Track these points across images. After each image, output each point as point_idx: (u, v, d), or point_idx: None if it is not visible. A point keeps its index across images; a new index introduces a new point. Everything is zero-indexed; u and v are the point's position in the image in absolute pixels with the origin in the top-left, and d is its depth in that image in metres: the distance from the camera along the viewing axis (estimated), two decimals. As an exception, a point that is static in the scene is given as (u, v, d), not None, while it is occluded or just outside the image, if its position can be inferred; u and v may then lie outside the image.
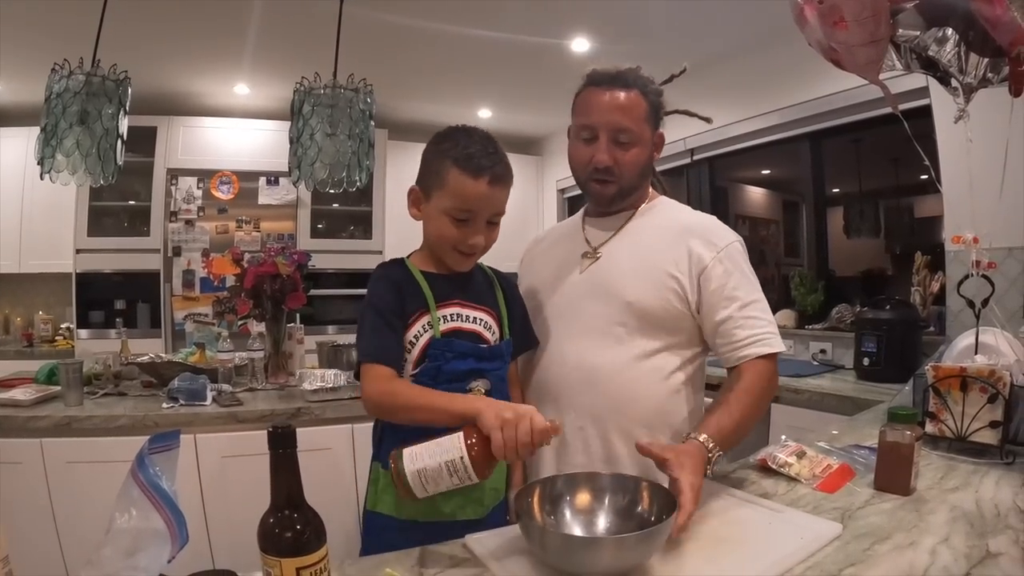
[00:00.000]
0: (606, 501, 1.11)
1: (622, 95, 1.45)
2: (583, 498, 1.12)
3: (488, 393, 1.34)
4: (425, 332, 1.35)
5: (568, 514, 1.10)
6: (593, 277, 1.51)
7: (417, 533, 1.31)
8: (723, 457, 1.24)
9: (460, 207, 1.32)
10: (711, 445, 1.21)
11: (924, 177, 4.33)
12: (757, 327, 1.42)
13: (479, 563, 1.03)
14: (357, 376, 1.35)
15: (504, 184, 1.35)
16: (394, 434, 1.37)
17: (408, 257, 1.45)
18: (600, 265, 1.52)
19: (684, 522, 1.02)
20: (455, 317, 1.38)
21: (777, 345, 1.43)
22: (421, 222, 1.42)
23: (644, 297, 1.44)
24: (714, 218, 1.56)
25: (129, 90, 2.69)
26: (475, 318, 1.41)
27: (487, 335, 1.41)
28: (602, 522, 1.09)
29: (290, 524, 0.79)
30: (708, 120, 1.69)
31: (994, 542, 1.03)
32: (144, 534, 0.83)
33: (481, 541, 1.09)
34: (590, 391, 1.44)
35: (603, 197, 1.52)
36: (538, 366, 1.53)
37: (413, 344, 1.35)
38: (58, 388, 2.49)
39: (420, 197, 1.39)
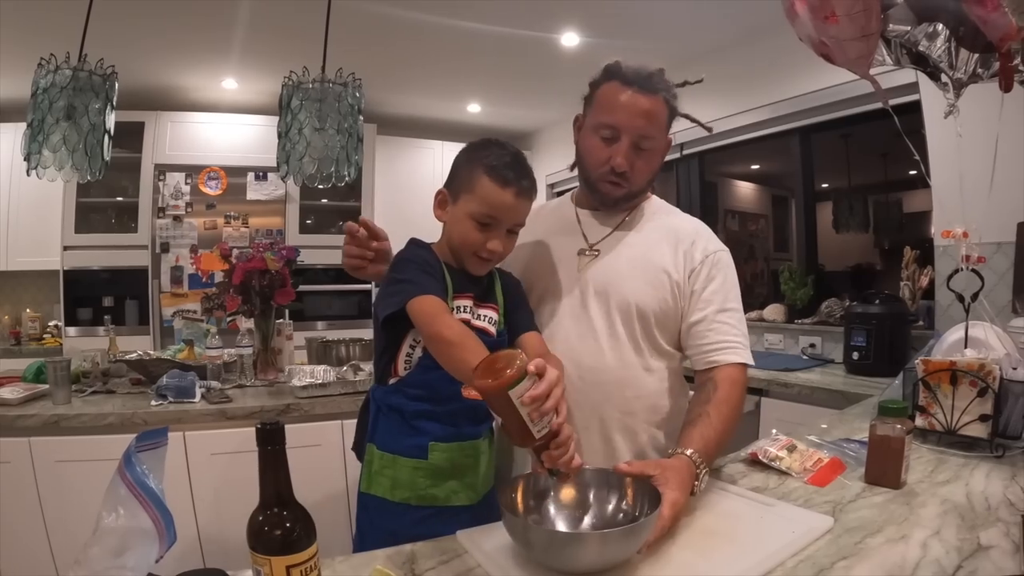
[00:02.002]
0: (590, 496, 1.11)
1: (650, 100, 1.42)
2: (567, 493, 1.11)
3: None
4: None
5: (552, 509, 1.10)
6: (594, 277, 1.50)
7: (410, 516, 1.35)
8: (708, 473, 1.23)
9: (485, 212, 1.34)
10: (698, 460, 1.19)
11: (912, 173, 4.36)
12: (729, 334, 1.43)
13: (470, 559, 1.03)
14: (384, 324, 1.32)
15: (529, 198, 1.38)
16: (393, 413, 1.38)
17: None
18: (600, 265, 1.51)
19: (654, 539, 1.00)
20: (466, 310, 1.40)
21: (747, 357, 1.43)
22: (442, 224, 1.45)
23: (645, 299, 1.45)
24: (705, 225, 1.58)
25: (116, 85, 2.66)
26: (482, 315, 1.43)
27: (492, 331, 1.43)
28: (587, 517, 1.09)
29: (279, 522, 0.79)
30: (709, 129, 1.70)
31: (985, 535, 1.04)
32: (132, 533, 0.82)
33: (472, 537, 1.09)
34: (593, 391, 1.45)
35: (610, 198, 1.52)
36: None
37: None
38: (46, 386, 2.47)
39: (447, 199, 1.42)
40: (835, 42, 1.47)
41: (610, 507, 1.09)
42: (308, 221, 5.44)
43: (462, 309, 1.40)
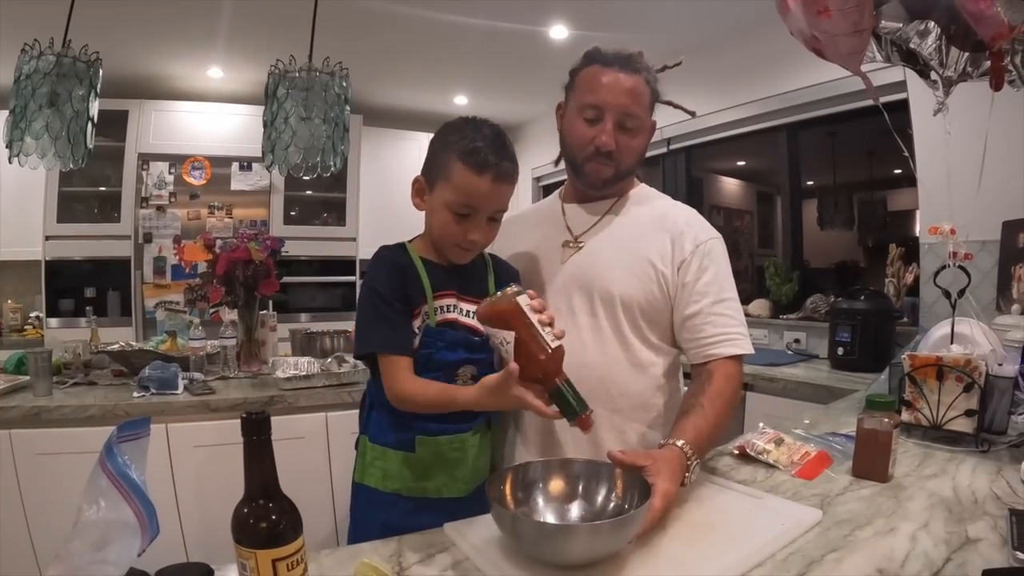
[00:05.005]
0: (580, 488, 1.10)
1: (632, 79, 1.41)
2: (557, 485, 1.11)
3: (474, 378, 1.33)
4: (424, 323, 1.33)
5: (541, 501, 1.09)
6: (577, 269, 1.48)
7: (401, 506, 1.35)
8: (699, 465, 1.22)
9: (462, 202, 1.29)
10: (689, 451, 1.18)
11: (898, 171, 4.40)
12: (727, 325, 1.40)
13: (458, 551, 1.02)
14: (360, 358, 1.36)
15: (509, 182, 1.33)
16: (383, 408, 1.37)
17: (410, 242, 1.42)
18: (583, 256, 1.49)
19: (645, 531, 1.00)
20: (451, 309, 1.37)
21: (746, 347, 1.41)
22: (423, 212, 1.40)
23: (630, 290, 1.42)
24: (695, 211, 1.55)
25: (100, 72, 2.63)
26: (468, 311, 1.38)
27: (480, 327, 1.38)
28: (576, 509, 1.08)
29: (265, 514, 0.77)
30: (692, 113, 1.68)
31: (972, 528, 1.04)
32: (113, 526, 0.81)
33: (460, 529, 1.08)
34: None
35: (598, 179, 1.48)
36: None
37: (415, 336, 1.33)
38: (27, 378, 2.44)
39: (424, 187, 1.37)
40: (827, 37, 1.47)
41: (600, 499, 1.08)
42: (293, 212, 5.41)
43: (446, 309, 1.36)
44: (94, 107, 2.62)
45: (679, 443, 1.19)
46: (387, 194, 5.28)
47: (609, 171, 1.47)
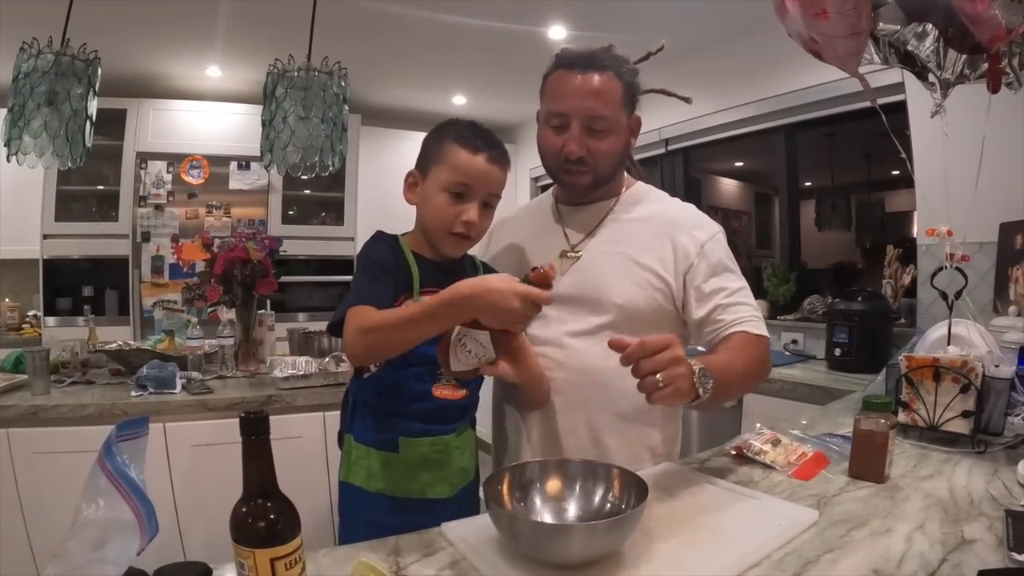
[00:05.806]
0: (577, 488, 1.10)
1: (596, 78, 1.37)
2: (554, 485, 1.11)
3: None
4: None
5: (539, 501, 1.09)
6: (577, 280, 1.46)
7: (385, 505, 1.35)
8: (711, 384, 1.14)
9: (458, 180, 1.31)
10: (696, 363, 1.13)
11: (895, 172, 4.40)
12: (742, 312, 1.40)
13: (455, 551, 1.02)
14: (335, 331, 1.28)
15: (501, 166, 1.36)
16: (366, 407, 1.38)
17: (402, 236, 1.43)
18: (583, 267, 1.47)
19: (623, 343, 1.06)
20: None
21: (762, 329, 1.40)
22: (415, 207, 1.41)
23: (633, 299, 1.41)
24: (693, 207, 1.54)
25: (99, 71, 2.63)
26: None
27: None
28: (573, 509, 1.08)
29: (263, 514, 0.77)
30: (687, 100, 1.66)
31: (968, 529, 1.05)
32: (112, 525, 0.81)
33: (457, 529, 1.08)
34: (581, 393, 1.41)
35: (577, 188, 1.47)
36: None
37: None
38: (24, 376, 2.44)
39: (417, 180, 1.39)
40: (825, 39, 1.47)
41: (597, 499, 1.08)
42: (291, 212, 5.42)
43: None
44: (92, 106, 2.62)
45: (691, 361, 1.14)
46: (385, 194, 5.26)
47: (586, 179, 1.44)
